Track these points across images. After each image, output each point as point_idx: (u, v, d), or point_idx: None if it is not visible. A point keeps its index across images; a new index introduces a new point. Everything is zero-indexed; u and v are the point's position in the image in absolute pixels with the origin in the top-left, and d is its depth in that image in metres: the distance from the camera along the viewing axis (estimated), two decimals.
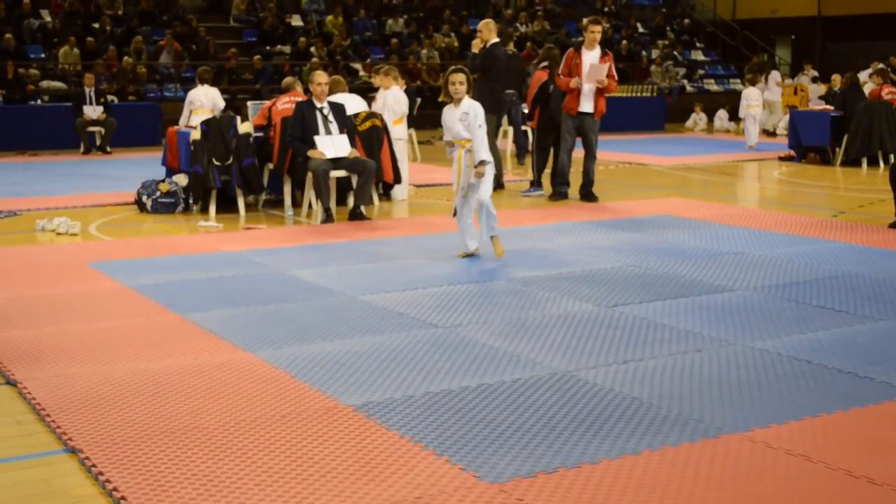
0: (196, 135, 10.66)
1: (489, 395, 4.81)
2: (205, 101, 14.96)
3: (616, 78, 11.76)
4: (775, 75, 23.54)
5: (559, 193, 12.02)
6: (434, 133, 21.15)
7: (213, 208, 10.65)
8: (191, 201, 11.05)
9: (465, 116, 8.04)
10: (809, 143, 16.83)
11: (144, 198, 11.01)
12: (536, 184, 12.58)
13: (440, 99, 8.38)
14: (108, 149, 17.91)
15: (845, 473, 3.88)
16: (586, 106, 11.71)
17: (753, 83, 20.08)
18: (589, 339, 5.83)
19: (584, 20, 12.01)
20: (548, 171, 12.50)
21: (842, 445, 4.17)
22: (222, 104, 14.98)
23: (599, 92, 11.63)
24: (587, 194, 11.92)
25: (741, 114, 19.60)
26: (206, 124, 10.69)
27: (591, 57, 11.56)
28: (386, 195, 11.98)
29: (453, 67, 8.30)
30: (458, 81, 8.07)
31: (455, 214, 8.33)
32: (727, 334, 5.92)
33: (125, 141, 18.40)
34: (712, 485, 3.78)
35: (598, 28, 11.73)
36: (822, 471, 3.91)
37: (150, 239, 9.44)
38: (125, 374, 5.15)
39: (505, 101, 13.88)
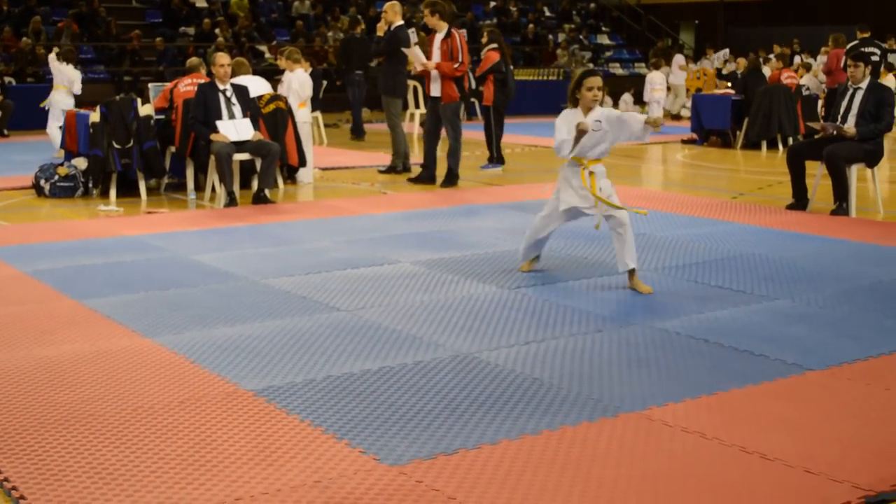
0: (95, 117, 10.45)
1: (391, 378, 4.80)
2: (63, 79, 14.76)
3: (459, 59, 11.50)
4: (679, 59, 23.89)
5: (422, 177, 12.00)
6: (341, 116, 21.06)
7: (113, 192, 10.47)
8: (90, 185, 10.84)
9: (598, 125, 6.47)
10: (711, 126, 17.12)
11: (42, 182, 10.76)
12: (497, 160, 12.94)
13: (565, 106, 6.65)
14: (6, 132, 17.49)
15: (739, 449, 3.95)
16: (435, 90, 11.70)
17: (657, 67, 20.35)
18: (491, 320, 5.86)
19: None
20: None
21: (736, 422, 4.25)
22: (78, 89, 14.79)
23: (445, 77, 11.56)
24: (446, 179, 11.81)
25: (646, 97, 19.87)
26: (106, 106, 10.48)
27: (438, 39, 11.63)
28: (291, 178, 11.89)
29: (588, 70, 6.84)
30: (598, 87, 6.49)
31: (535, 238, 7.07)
32: (628, 314, 5.99)
33: (23, 124, 17.96)
34: (610, 463, 3.82)
35: (426, 11, 11.68)
36: (717, 447, 3.98)
37: (48, 224, 9.23)
38: (19, 361, 5.03)
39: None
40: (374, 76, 17.76)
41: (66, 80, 14.48)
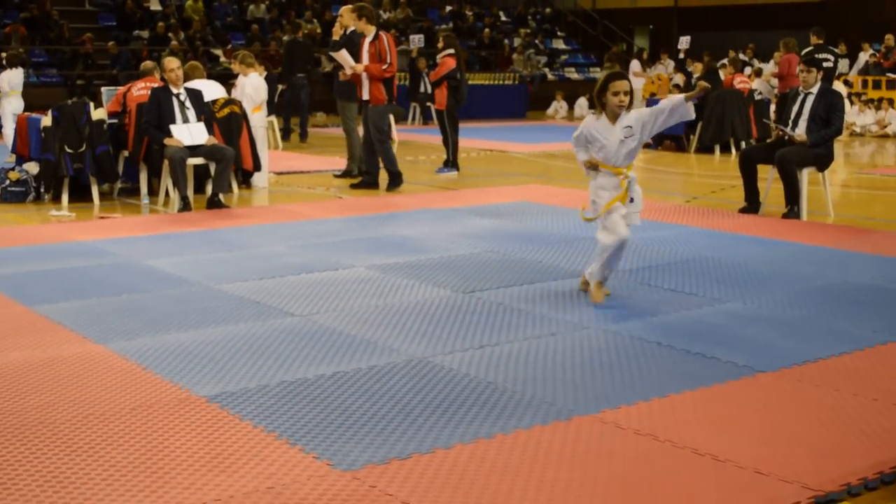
0: (47, 121, 10.35)
1: (345, 383, 4.79)
2: (17, 83, 14.93)
3: (388, 60, 11.53)
4: (635, 64, 24.02)
5: (365, 183, 11.99)
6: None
7: (65, 197, 10.36)
8: (42, 190, 10.73)
9: (628, 131, 6.14)
10: (665, 131, 17.20)
11: None
12: (452, 164, 13.03)
13: (592, 112, 6.41)
14: None
15: (691, 451, 3.98)
16: (365, 93, 11.76)
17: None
18: (446, 325, 5.86)
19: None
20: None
21: (688, 424, 4.28)
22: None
23: (374, 79, 11.60)
24: (390, 183, 11.81)
25: None
26: (58, 110, 10.39)
27: (366, 42, 11.69)
28: (245, 183, 11.84)
29: (614, 72, 6.33)
30: (624, 91, 6.11)
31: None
32: (581, 318, 6.01)
33: None
34: (563, 466, 3.84)
35: (353, 15, 11.84)
36: (669, 449, 4.01)
37: None
38: None
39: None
40: (316, 79, 18.33)
41: (17, 84, 14.52)
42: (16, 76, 14.97)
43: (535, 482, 3.69)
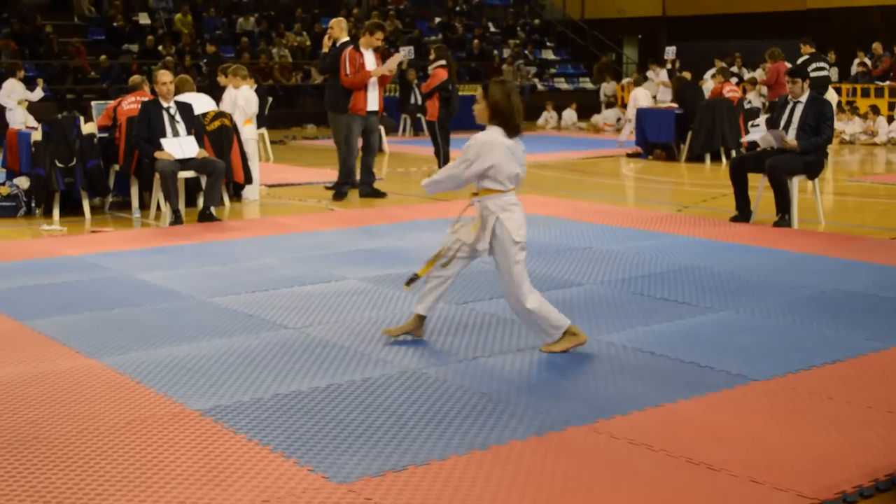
0: (37, 136, 10.34)
1: (339, 396, 4.79)
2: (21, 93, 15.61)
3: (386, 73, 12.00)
4: (663, 74, 23.37)
5: (342, 193, 12.04)
6: (287, 132, 21.00)
7: (56, 212, 10.34)
8: (33, 205, 10.71)
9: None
10: (655, 140, 17.26)
11: None
12: None
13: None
14: None
15: (686, 460, 3.99)
16: (374, 103, 11.90)
17: (601, 81, 20.45)
18: (439, 336, 5.86)
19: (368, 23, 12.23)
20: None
21: (683, 433, 4.28)
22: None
23: (378, 89, 11.93)
24: (374, 191, 12.06)
25: (629, 114, 19.41)
26: (48, 125, 10.37)
27: (370, 56, 11.89)
28: (237, 196, 11.83)
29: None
30: None
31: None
32: None
33: None
34: (558, 477, 3.84)
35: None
36: (664, 458, 4.02)
37: None
38: None
39: None
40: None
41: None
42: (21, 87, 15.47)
43: (530, 493, 3.69)
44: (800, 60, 16.63)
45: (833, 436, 4.27)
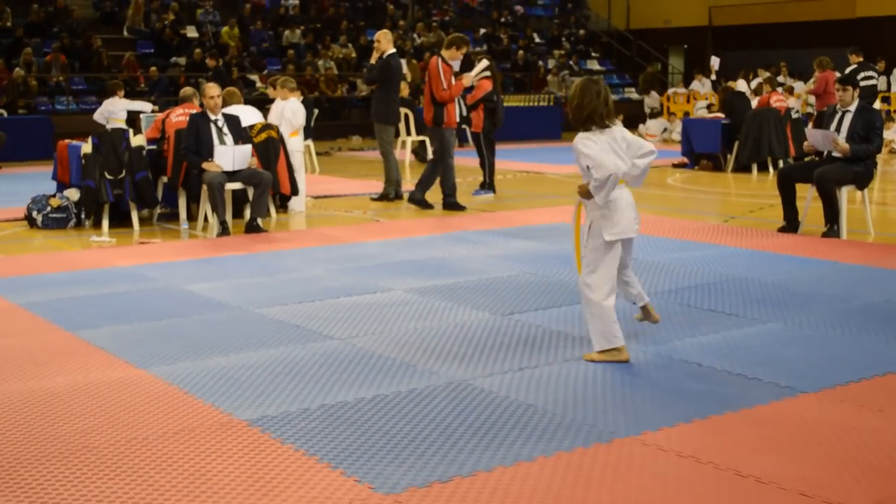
0: (87, 148, 10.47)
1: (385, 406, 4.80)
2: (121, 112, 15.50)
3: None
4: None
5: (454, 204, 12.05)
6: (333, 144, 21.11)
7: (105, 223, 10.46)
8: (83, 216, 10.85)
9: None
10: (702, 150, 17.18)
11: (35, 213, 10.76)
12: (489, 186, 13.14)
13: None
14: None
15: (734, 473, 3.96)
16: (458, 115, 12.27)
17: (647, 92, 20.39)
18: (485, 347, 5.86)
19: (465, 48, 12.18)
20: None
21: (730, 446, 4.25)
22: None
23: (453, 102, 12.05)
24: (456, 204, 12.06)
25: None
26: (98, 137, 10.51)
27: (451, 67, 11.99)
28: (283, 207, 11.91)
29: None
30: None
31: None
32: None
33: (15, 155, 18.01)
34: (605, 489, 3.83)
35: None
36: (711, 471, 3.99)
37: (41, 255, 9.22)
38: (12, 394, 5.02)
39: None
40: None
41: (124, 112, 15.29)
42: (121, 105, 15.65)
43: None
44: (848, 69, 16.48)
45: (883, 449, 4.21)
